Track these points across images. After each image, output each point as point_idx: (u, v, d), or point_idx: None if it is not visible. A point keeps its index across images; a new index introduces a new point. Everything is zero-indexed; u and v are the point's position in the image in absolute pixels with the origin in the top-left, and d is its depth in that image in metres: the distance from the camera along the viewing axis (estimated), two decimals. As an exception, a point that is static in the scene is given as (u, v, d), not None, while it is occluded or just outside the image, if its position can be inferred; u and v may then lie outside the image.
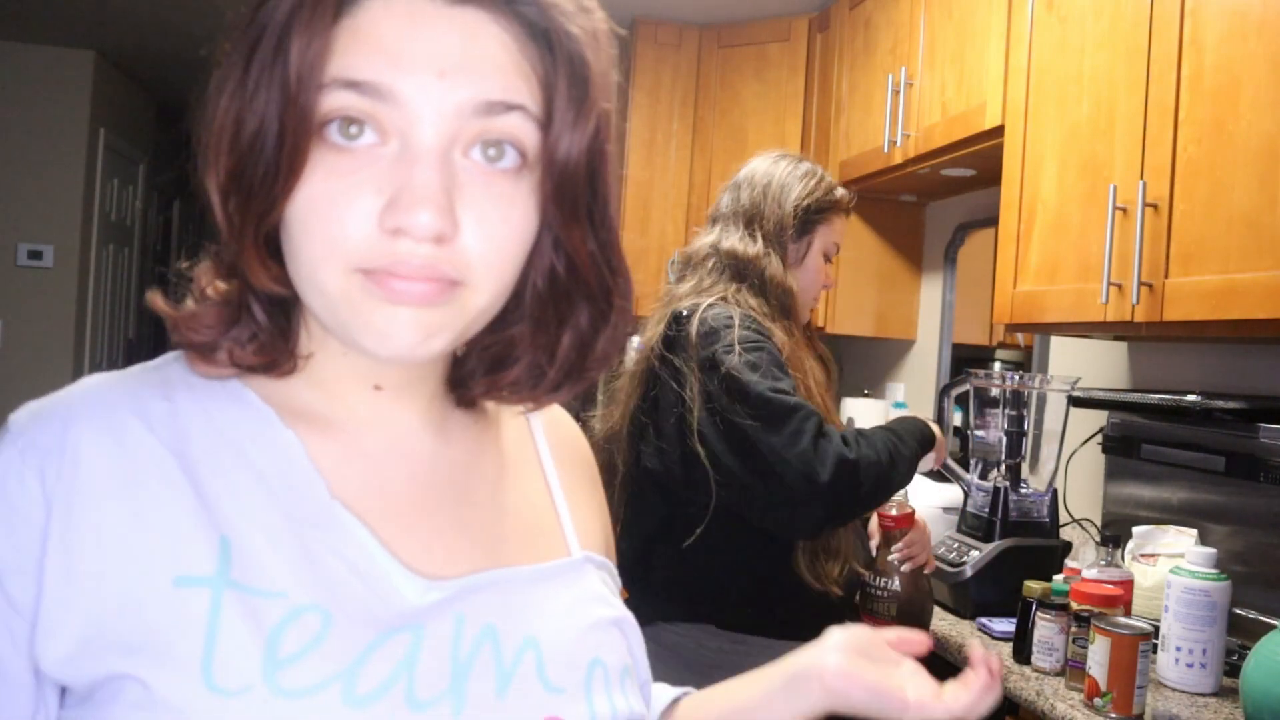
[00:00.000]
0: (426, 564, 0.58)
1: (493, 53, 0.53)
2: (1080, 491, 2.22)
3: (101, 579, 0.52)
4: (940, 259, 3.13)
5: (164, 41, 4.42)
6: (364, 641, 0.53)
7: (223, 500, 0.55)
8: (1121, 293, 1.73)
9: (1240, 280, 1.50)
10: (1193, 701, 1.52)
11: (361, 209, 0.51)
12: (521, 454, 0.70)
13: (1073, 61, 1.94)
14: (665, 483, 1.63)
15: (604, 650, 0.63)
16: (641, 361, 1.68)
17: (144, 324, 5.99)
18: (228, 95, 0.53)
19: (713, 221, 1.76)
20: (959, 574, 1.92)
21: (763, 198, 1.70)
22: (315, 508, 0.56)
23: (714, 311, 1.60)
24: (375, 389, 0.62)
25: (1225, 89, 1.56)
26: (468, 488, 0.65)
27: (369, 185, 0.52)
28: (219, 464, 0.56)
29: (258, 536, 0.54)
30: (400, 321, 0.53)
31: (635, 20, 3.63)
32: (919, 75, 2.60)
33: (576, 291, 0.61)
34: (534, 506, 0.69)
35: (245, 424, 0.58)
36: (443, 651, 0.56)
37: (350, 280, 0.52)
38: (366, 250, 0.51)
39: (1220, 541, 1.76)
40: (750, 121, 3.49)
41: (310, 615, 0.53)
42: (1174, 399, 1.74)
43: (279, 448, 0.58)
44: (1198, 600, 1.54)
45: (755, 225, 1.69)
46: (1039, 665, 1.64)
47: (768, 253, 1.67)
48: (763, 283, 1.66)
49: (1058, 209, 1.97)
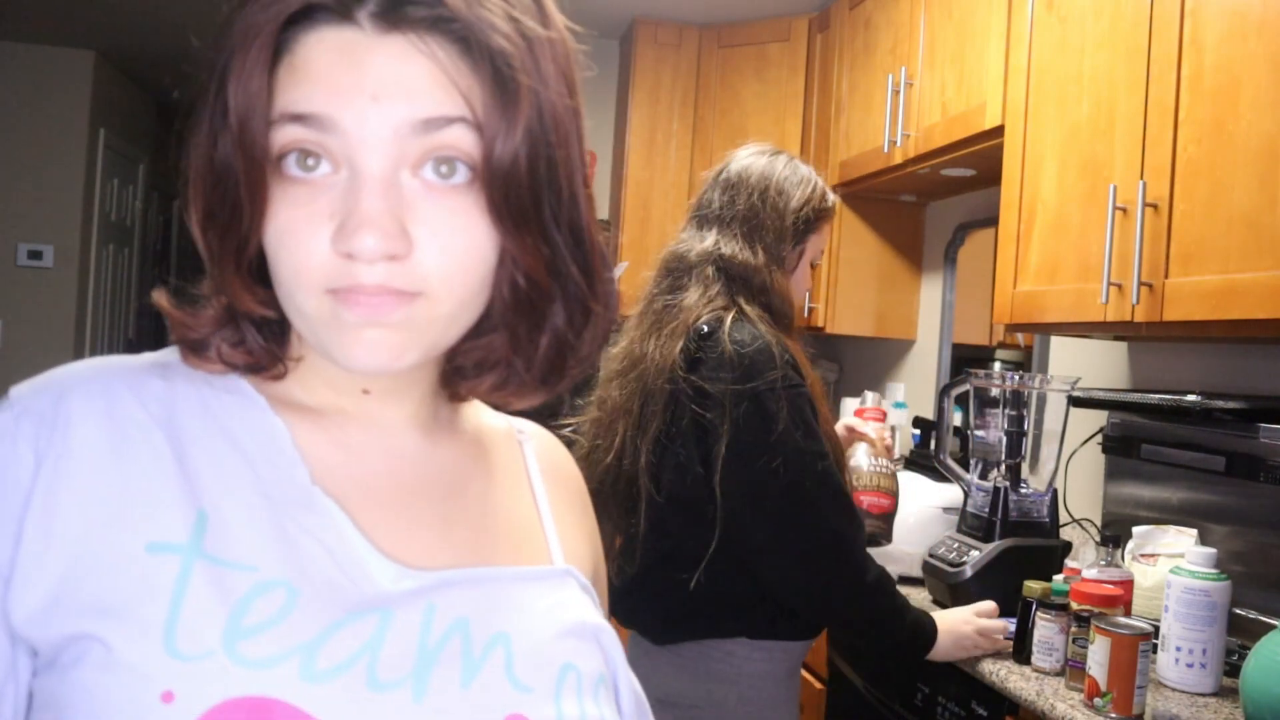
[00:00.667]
0: (404, 554, 0.60)
1: (424, 72, 0.54)
2: (1080, 491, 2.22)
3: (78, 540, 0.53)
4: (940, 259, 3.13)
5: (164, 41, 4.42)
6: (329, 619, 0.54)
7: (205, 475, 0.57)
8: (1121, 293, 1.73)
9: (1240, 280, 1.50)
10: (1193, 701, 1.52)
11: (320, 236, 0.54)
12: (511, 469, 0.72)
13: (1073, 61, 1.94)
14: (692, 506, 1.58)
15: (579, 656, 0.62)
16: (652, 381, 1.60)
17: (144, 324, 5.99)
18: (197, 135, 0.57)
19: (702, 222, 1.69)
20: (959, 574, 1.92)
21: (761, 204, 1.65)
22: (296, 491, 0.58)
23: (747, 332, 1.55)
24: (364, 393, 0.64)
25: (1225, 89, 1.56)
26: (453, 488, 0.66)
27: (324, 213, 0.54)
28: (205, 441, 0.58)
29: (236, 512, 0.56)
30: (369, 341, 0.55)
31: (635, 20, 3.63)
32: (919, 75, 2.60)
33: (543, 297, 0.61)
34: (520, 515, 0.69)
35: (236, 409, 0.60)
36: (410, 637, 0.56)
37: (323, 302, 0.55)
38: (330, 273, 0.54)
39: (1220, 541, 1.76)
40: (750, 121, 3.49)
41: (278, 590, 0.54)
42: (1174, 399, 1.74)
43: (266, 433, 0.60)
44: (1198, 600, 1.54)
45: (755, 234, 1.64)
46: (1039, 665, 1.64)
47: (770, 264, 1.63)
48: (768, 295, 1.62)
49: (1058, 209, 1.97)
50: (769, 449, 1.49)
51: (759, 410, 1.50)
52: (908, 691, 1.90)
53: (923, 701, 1.85)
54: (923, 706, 1.85)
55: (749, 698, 1.59)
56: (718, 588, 1.57)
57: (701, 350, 1.56)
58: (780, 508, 1.51)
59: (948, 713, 1.77)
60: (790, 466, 1.49)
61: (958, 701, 1.75)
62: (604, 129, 3.93)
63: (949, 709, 1.77)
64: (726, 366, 1.52)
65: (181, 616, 0.52)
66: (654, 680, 1.55)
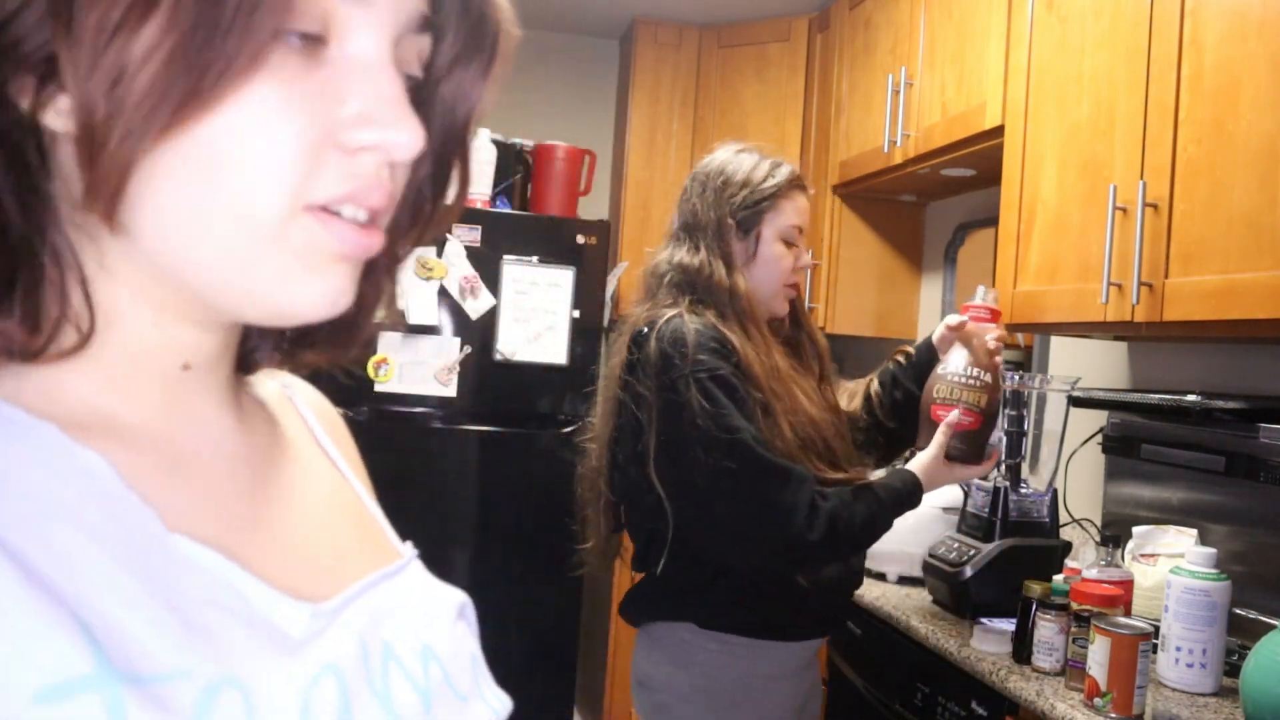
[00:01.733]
0: (294, 583, 0.49)
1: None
2: (1080, 491, 2.23)
3: None
4: (940, 259, 3.13)
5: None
6: (295, 704, 0.45)
7: (48, 569, 0.39)
8: (1121, 293, 1.73)
9: (1240, 280, 1.50)
10: (1193, 701, 1.52)
11: (314, 126, 0.45)
12: (303, 437, 0.62)
13: (1073, 61, 1.94)
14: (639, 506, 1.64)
15: (471, 641, 0.60)
16: (610, 387, 1.66)
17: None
18: None
19: (669, 234, 1.75)
20: (959, 574, 1.92)
21: (700, 204, 1.69)
22: (158, 551, 0.44)
23: (671, 326, 1.58)
24: (184, 368, 0.50)
25: (1225, 89, 1.56)
26: (281, 478, 0.56)
27: (317, 94, 0.46)
28: (29, 528, 0.40)
29: (112, 606, 0.40)
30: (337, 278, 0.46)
31: (635, 20, 3.63)
32: (919, 75, 2.60)
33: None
34: (341, 496, 0.62)
35: (31, 457, 0.42)
36: (365, 689, 0.49)
37: (296, 221, 0.45)
38: (317, 182, 0.45)
39: (1220, 541, 1.77)
40: (750, 121, 3.49)
41: (227, 691, 0.42)
42: (1174, 399, 1.74)
43: (85, 478, 0.43)
44: (1198, 600, 1.54)
45: (697, 234, 1.68)
46: (1039, 665, 1.64)
47: (711, 260, 1.66)
48: (710, 291, 1.64)
49: (1058, 209, 1.97)
50: (686, 440, 1.51)
51: (673, 401, 1.53)
52: (908, 691, 1.90)
53: (923, 701, 1.85)
54: (923, 706, 1.85)
55: (701, 687, 1.60)
56: (672, 573, 1.61)
57: (637, 353, 1.60)
58: (709, 494, 1.51)
59: (948, 713, 1.77)
60: (708, 451, 1.50)
61: (958, 701, 1.75)
62: (604, 129, 3.93)
63: (949, 709, 1.77)
64: (649, 364, 1.56)
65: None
66: (635, 661, 1.68)
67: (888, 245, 3.23)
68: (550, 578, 3.17)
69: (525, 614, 3.15)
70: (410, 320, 3.07)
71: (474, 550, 3.15)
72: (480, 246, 3.13)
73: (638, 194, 3.62)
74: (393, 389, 3.06)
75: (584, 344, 3.21)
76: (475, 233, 3.13)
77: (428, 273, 3.08)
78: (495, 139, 3.30)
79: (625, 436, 1.61)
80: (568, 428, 3.20)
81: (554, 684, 3.17)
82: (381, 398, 3.05)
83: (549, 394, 3.20)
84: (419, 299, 3.08)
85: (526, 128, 3.69)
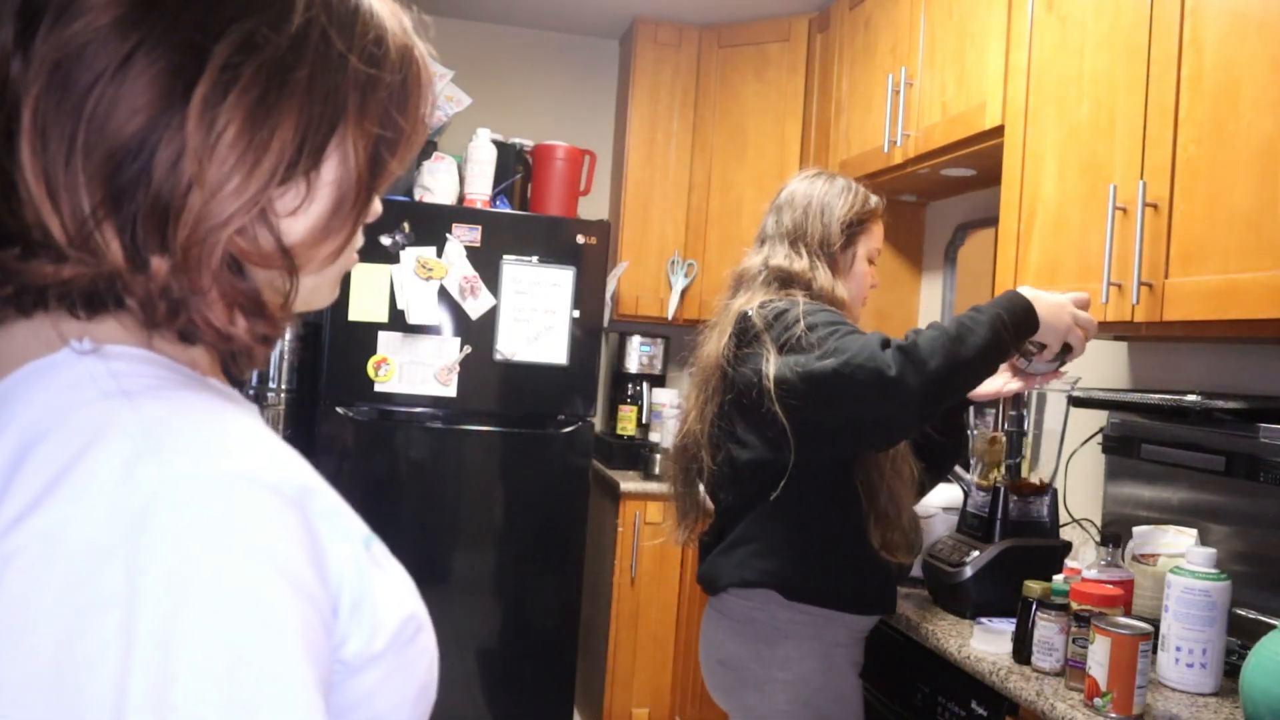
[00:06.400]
0: None
1: None
2: (1080, 491, 2.22)
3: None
4: (940, 259, 3.13)
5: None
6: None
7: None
8: (1121, 293, 1.73)
9: (1240, 280, 1.50)
10: (1193, 701, 1.52)
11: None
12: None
13: (1073, 61, 1.94)
14: (754, 464, 1.73)
15: None
16: (710, 369, 1.79)
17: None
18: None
19: (759, 242, 1.90)
20: (959, 574, 1.92)
21: (805, 217, 1.84)
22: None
23: (776, 303, 1.72)
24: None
25: (1225, 89, 1.56)
26: None
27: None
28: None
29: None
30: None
31: (635, 20, 3.63)
32: (919, 75, 2.60)
33: None
34: None
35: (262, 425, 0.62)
36: None
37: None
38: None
39: (1220, 541, 1.76)
40: (750, 121, 3.49)
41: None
42: (1174, 399, 1.74)
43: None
44: (1198, 600, 1.54)
45: (800, 242, 1.83)
46: (1039, 665, 1.64)
47: (814, 266, 1.81)
48: (811, 294, 1.77)
49: (1058, 209, 1.97)
50: (801, 350, 1.62)
51: (786, 330, 1.65)
52: (908, 691, 1.90)
53: (923, 701, 1.85)
54: (923, 706, 1.85)
55: (792, 661, 1.71)
56: (753, 536, 1.74)
57: (745, 323, 1.74)
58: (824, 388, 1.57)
59: (948, 713, 1.77)
60: (821, 356, 1.58)
61: (958, 701, 1.75)
62: (604, 129, 3.93)
63: (949, 709, 1.77)
64: (763, 323, 1.70)
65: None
66: (713, 642, 1.81)
67: (888, 245, 3.20)
68: (550, 578, 3.18)
69: (525, 614, 3.15)
70: (410, 320, 3.07)
71: (474, 550, 3.14)
72: (480, 246, 3.13)
73: (638, 194, 3.62)
74: (393, 389, 3.06)
75: (584, 344, 3.21)
76: (475, 233, 3.13)
77: (428, 273, 3.08)
78: (495, 139, 3.30)
79: (748, 405, 1.70)
80: (568, 428, 3.20)
81: (554, 684, 3.17)
82: (381, 398, 3.05)
83: (549, 394, 3.20)
84: (419, 299, 3.08)
85: (526, 128, 3.68)
